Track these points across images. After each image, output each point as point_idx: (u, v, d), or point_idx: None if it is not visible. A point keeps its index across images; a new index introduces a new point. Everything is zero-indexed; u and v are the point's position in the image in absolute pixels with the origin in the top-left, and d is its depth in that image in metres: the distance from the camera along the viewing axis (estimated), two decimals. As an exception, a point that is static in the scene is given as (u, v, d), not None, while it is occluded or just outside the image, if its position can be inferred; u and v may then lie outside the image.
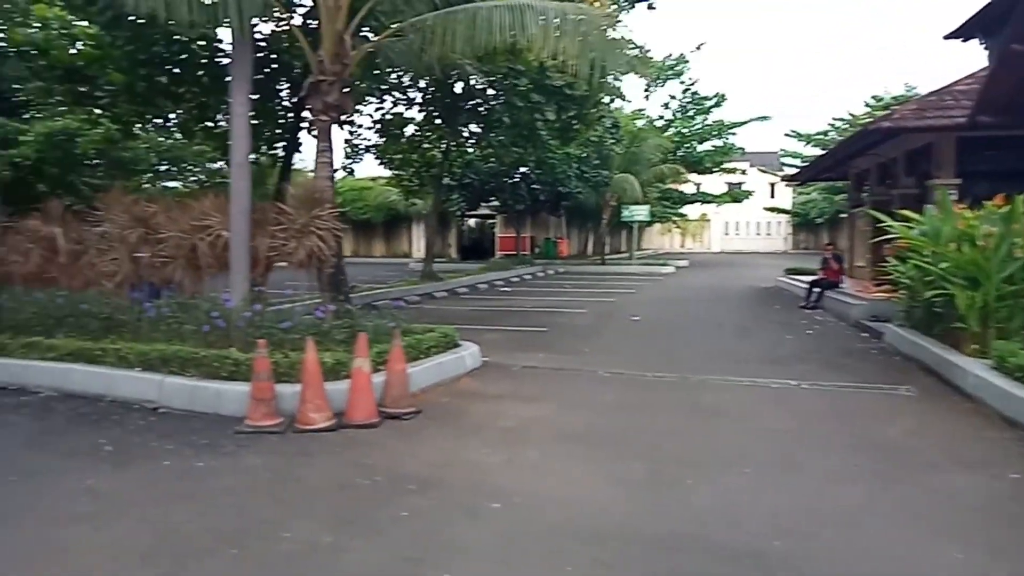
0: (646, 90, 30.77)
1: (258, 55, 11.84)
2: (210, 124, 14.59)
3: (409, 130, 20.19)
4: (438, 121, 19.45)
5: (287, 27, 11.94)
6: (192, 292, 7.96)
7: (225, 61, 12.71)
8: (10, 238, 9.20)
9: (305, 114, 13.92)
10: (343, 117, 9.34)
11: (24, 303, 8.34)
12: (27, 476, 4.71)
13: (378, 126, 19.39)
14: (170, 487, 4.52)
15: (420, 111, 19.16)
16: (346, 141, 20.11)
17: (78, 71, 12.56)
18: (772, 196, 59.41)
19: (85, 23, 12.92)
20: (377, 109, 18.23)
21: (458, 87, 15.79)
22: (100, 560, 3.51)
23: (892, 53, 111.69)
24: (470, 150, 23.63)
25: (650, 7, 15.39)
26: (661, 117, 36.45)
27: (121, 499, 4.32)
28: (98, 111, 14.32)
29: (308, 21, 11.36)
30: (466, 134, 20.27)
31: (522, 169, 26.10)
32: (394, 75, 13.31)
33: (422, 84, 14.33)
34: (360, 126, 18.82)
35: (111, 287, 8.44)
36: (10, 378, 7.26)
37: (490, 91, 15.57)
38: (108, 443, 5.41)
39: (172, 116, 14.65)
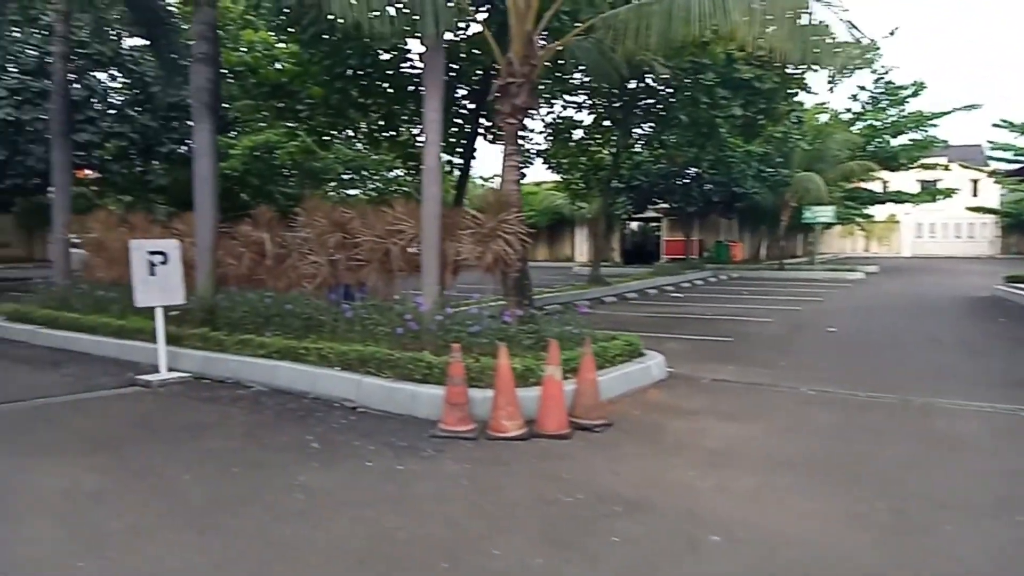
0: (830, 81, 28.36)
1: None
2: (394, 133, 15.27)
3: (577, 133, 20.06)
4: (607, 123, 19.14)
5: (465, 36, 12.19)
6: (384, 295, 8.22)
7: (410, 71, 13.24)
8: (225, 243, 10.06)
9: (483, 120, 14.23)
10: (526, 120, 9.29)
11: (237, 303, 9.04)
12: (248, 468, 4.96)
13: (547, 130, 19.44)
14: (376, 489, 4.56)
15: (590, 113, 18.96)
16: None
17: (282, 87, 13.65)
18: (975, 194, 52.88)
19: (285, 44, 14.05)
20: (548, 113, 18.26)
21: (629, 85, 15.38)
22: (320, 560, 3.53)
23: None
24: (639, 151, 23.06)
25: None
26: (848, 110, 33.57)
27: (332, 498, 4.41)
28: (294, 124, 15.46)
29: (490, 25, 11.49)
30: (637, 134, 19.75)
31: (694, 169, 25.08)
32: (576, 76, 13.18)
33: (596, 84, 14.05)
34: (531, 131, 18.91)
35: (311, 289, 8.95)
36: (228, 373, 7.86)
37: (665, 88, 14.99)
38: (314, 440, 5.61)
39: (360, 127, 15.50)
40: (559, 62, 10.32)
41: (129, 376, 8.07)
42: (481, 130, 14.49)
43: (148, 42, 13.60)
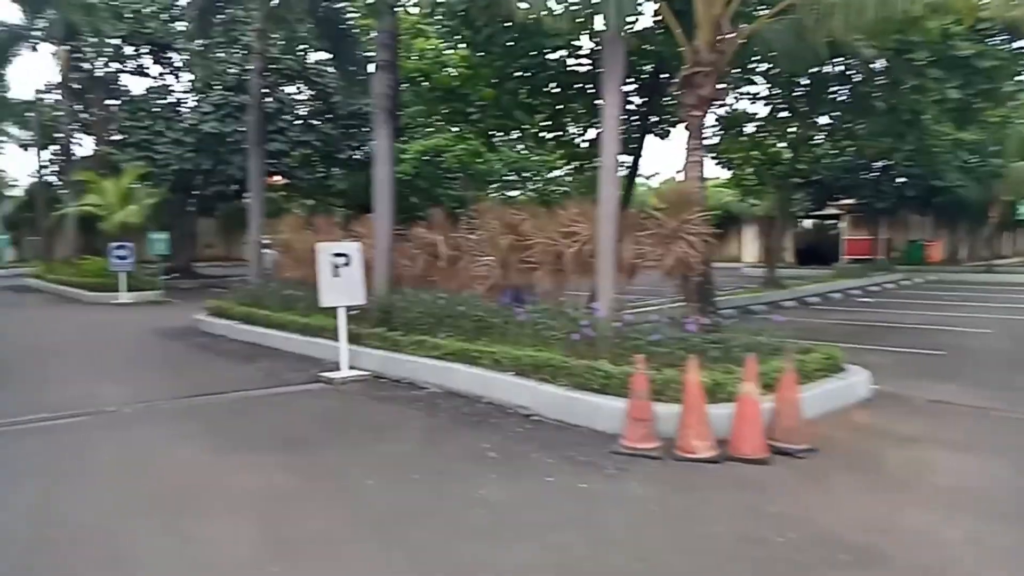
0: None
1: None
2: (560, 133, 15.10)
3: (750, 127, 18.83)
4: (784, 114, 17.78)
5: (634, 28, 11.68)
6: (555, 298, 7.97)
7: (577, 69, 12.97)
8: (399, 245, 10.31)
9: (652, 116, 13.65)
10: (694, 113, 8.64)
11: (412, 303, 9.20)
12: (427, 475, 4.86)
13: (718, 124, 18.42)
14: (560, 509, 4.27)
15: (766, 104, 17.72)
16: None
17: (453, 91, 13.91)
18: None
19: (454, 50, 14.31)
20: (720, 105, 17.25)
21: (818, 71, 14.08)
22: (508, 591, 3.29)
23: None
24: (821, 142, 21.26)
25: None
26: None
27: (515, 516, 4.17)
28: (463, 127, 15.72)
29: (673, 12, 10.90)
30: (820, 125, 18.18)
31: (885, 161, 22.72)
32: (757, 63, 12.25)
33: (780, 72, 12.99)
34: (704, 125, 17.93)
35: (482, 290, 8.90)
36: (405, 373, 7.98)
37: (861, 73, 13.54)
38: (491, 448, 5.44)
39: (527, 128, 15.47)
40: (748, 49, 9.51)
41: (314, 373, 8.44)
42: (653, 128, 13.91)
43: (332, 55, 14.43)
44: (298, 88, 21.58)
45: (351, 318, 8.87)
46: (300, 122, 21.22)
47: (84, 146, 27.13)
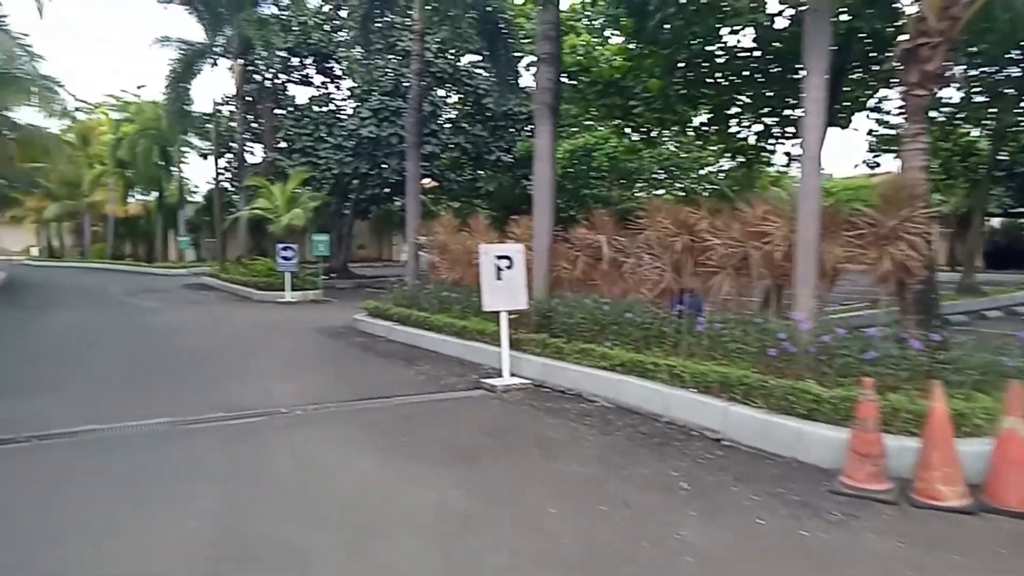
0: None
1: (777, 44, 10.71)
2: (723, 126, 14.06)
3: (939, 114, 16.69)
4: (982, 99, 15.60)
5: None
6: (739, 306, 7.16)
7: (745, 56, 11.93)
8: (559, 247, 9.85)
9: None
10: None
11: (574, 308, 8.70)
12: (615, 507, 4.30)
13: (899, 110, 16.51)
14: (785, 564, 3.56)
15: (959, 88, 15.61)
16: (870, 131, 17.62)
17: (614, 84, 13.27)
18: None
19: (604, 45, 13.67)
20: (946, 85, 15.36)
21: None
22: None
23: None
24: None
25: None
26: None
27: (729, 569, 3.52)
28: (620, 123, 15.02)
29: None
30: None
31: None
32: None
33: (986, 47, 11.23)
34: (887, 112, 16.16)
35: (650, 296, 8.24)
36: (569, 383, 7.49)
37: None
38: (681, 477, 4.79)
39: (690, 121, 14.56)
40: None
41: (474, 378, 8.16)
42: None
43: (486, 54, 14.29)
44: (448, 91, 21.84)
45: (509, 322, 8.54)
46: (450, 125, 21.46)
47: (255, 154, 29.14)
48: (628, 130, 15.41)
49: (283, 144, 25.69)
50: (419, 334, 10.77)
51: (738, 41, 11.39)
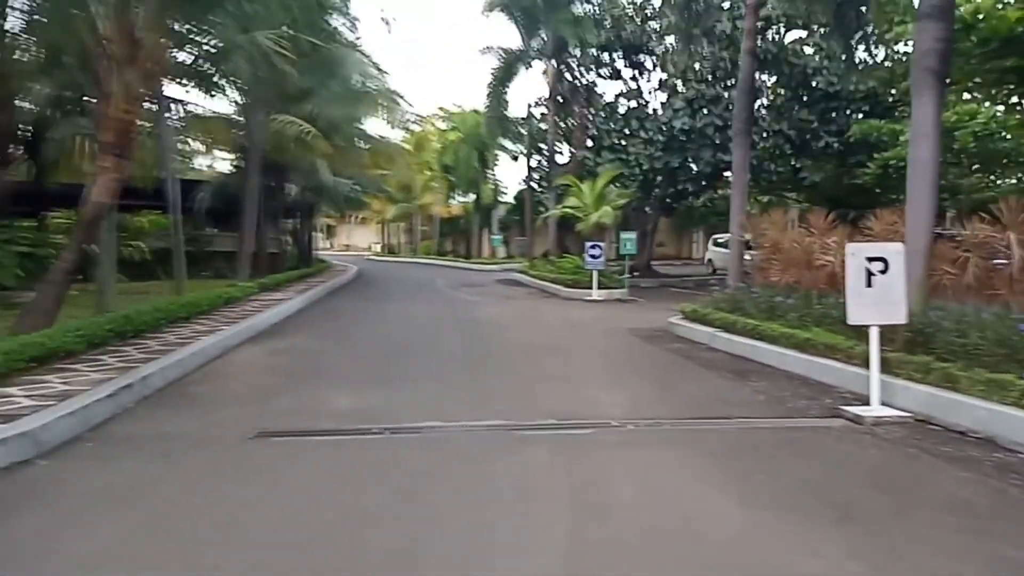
0: None
1: None
2: None
3: None
4: None
5: None
6: None
7: None
8: (939, 246, 7.94)
9: None
10: None
11: (967, 324, 6.84)
12: None
13: None
14: None
15: None
16: None
17: (1016, 40, 10.46)
18: None
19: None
20: None
21: None
22: None
23: None
24: None
25: None
26: None
27: None
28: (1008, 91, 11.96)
29: None
30: None
31: None
32: None
33: None
34: None
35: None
36: (971, 423, 5.79)
37: None
38: None
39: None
40: None
41: (828, 404, 6.83)
42: None
43: (826, 28, 12.45)
44: (770, 73, 19.91)
45: (862, 335, 7.02)
46: (771, 110, 19.54)
47: (563, 153, 30.02)
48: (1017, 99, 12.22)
49: (590, 143, 25.94)
50: (748, 344, 9.57)
51: None
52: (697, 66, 19.24)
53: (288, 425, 5.96)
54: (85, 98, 16.95)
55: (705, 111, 18.86)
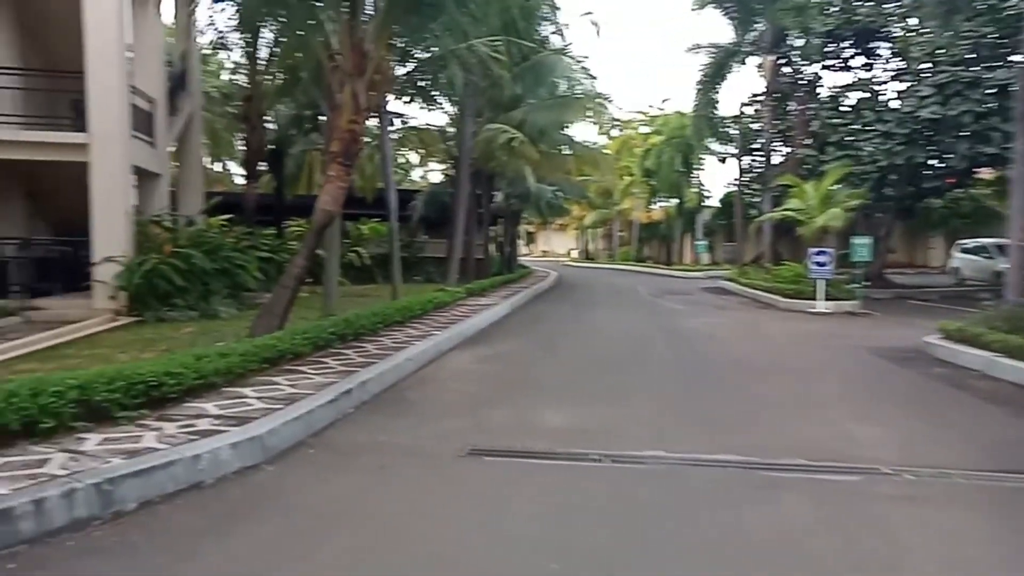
0: None
1: None
2: None
3: None
4: None
5: None
6: None
7: None
8: None
9: None
10: None
11: None
12: None
13: None
14: None
15: None
16: None
17: None
18: None
19: None
20: None
21: None
22: None
23: None
24: None
25: None
26: None
27: None
28: None
29: None
30: None
31: None
32: None
33: None
34: None
35: None
36: None
37: None
38: None
39: None
40: None
41: None
42: None
43: None
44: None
45: None
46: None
47: (779, 152, 27.73)
48: None
49: (808, 140, 23.60)
50: (1042, 373, 7.71)
51: None
52: (952, 46, 16.50)
53: (500, 443, 5.57)
54: (319, 117, 18.50)
55: (959, 97, 16.10)
